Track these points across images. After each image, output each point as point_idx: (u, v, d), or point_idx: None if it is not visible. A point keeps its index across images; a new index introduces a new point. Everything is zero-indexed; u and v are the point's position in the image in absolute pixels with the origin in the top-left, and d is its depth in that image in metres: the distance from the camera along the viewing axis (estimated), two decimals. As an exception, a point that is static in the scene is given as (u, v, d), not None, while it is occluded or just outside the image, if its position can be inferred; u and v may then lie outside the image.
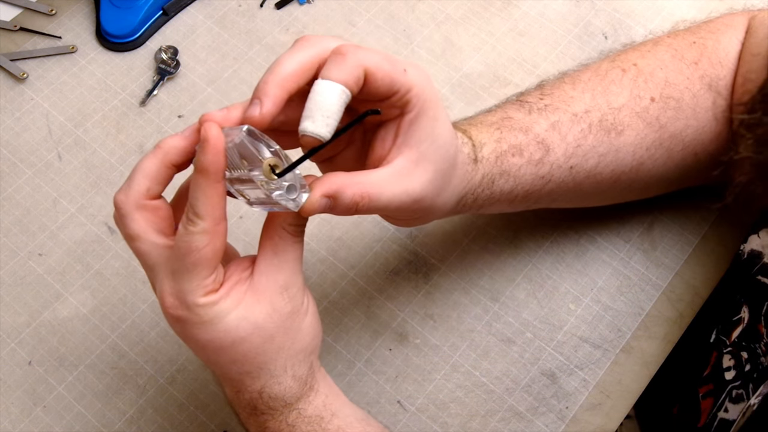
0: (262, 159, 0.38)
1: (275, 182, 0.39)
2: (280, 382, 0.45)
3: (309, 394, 0.47)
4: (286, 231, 0.43)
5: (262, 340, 0.43)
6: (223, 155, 0.38)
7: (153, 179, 0.42)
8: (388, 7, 0.74)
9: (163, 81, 0.70)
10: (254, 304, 0.42)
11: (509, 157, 0.50)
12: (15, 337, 0.59)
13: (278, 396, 0.45)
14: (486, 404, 0.57)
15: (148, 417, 0.57)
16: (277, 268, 0.43)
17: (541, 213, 0.64)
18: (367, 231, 0.64)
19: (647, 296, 0.61)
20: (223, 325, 0.41)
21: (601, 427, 0.57)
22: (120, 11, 0.71)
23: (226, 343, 0.42)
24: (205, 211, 0.39)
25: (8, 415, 0.57)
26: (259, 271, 0.43)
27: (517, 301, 0.61)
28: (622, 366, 0.59)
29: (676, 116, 0.53)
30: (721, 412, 0.54)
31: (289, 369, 0.45)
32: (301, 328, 0.45)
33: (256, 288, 0.42)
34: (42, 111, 0.69)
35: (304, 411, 0.46)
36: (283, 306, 0.43)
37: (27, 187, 0.65)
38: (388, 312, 0.60)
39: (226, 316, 0.41)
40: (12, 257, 0.63)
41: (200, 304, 0.40)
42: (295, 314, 0.44)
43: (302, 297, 0.45)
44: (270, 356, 0.44)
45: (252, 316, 0.42)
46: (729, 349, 0.55)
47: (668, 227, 0.64)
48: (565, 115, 0.52)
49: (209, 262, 0.40)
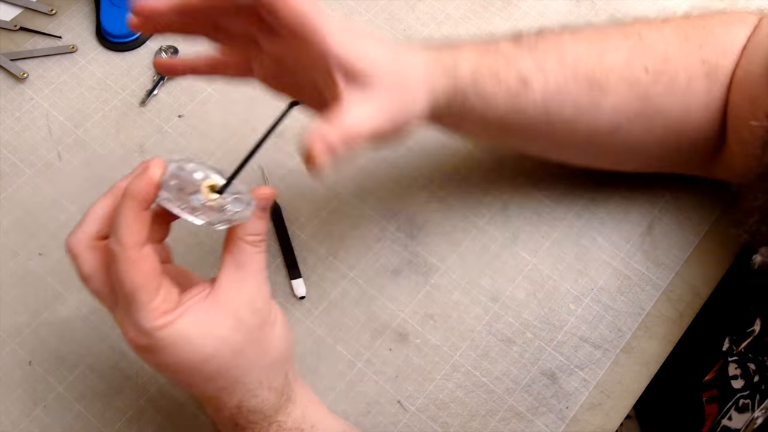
0: (199, 183, 0.40)
1: (220, 199, 0.41)
2: (256, 395, 0.45)
3: (287, 406, 0.47)
4: (245, 242, 0.43)
5: (231, 354, 0.43)
6: (153, 185, 0.40)
7: (103, 221, 0.43)
8: (388, 7, 0.74)
9: (164, 81, 0.70)
10: (218, 319, 0.42)
11: (486, 79, 0.50)
12: (15, 337, 0.59)
13: (257, 409, 0.45)
14: (486, 404, 0.57)
15: (148, 417, 0.57)
16: (239, 282, 0.43)
17: (541, 213, 0.64)
18: (367, 231, 0.64)
19: (647, 296, 0.61)
20: (188, 344, 0.41)
21: (601, 427, 0.57)
22: (120, 11, 0.71)
23: (196, 362, 0.42)
24: (126, 238, 0.39)
25: (8, 415, 0.57)
26: (220, 286, 0.43)
27: (517, 301, 0.61)
28: (622, 366, 0.59)
29: (665, 92, 0.53)
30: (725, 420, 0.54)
31: (265, 381, 0.45)
32: (271, 339, 0.45)
33: (218, 302, 0.42)
34: (42, 111, 0.69)
35: (284, 423, 0.46)
36: (249, 318, 0.43)
37: (27, 187, 0.65)
38: (388, 312, 0.60)
39: (189, 335, 0.41)
40: (12, 257, 0.62)
41: (157, 327, 0.40)
42: (263, 325, 0.44)
43: (269, 308, 0.44)
44: (243, 370, 0.44)
45: (217, 330, 0.42)
46: (735, 358, 0.55)
47: (668, 227, 0.64)
48: (554, 58, 0.52)
49: (144, 287, 0.40)
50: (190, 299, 0.42)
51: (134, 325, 0.41)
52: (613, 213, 0.64)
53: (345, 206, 0.65)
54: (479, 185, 0.65)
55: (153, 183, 0.40)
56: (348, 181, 0.66)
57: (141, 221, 0.40)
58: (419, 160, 0.67)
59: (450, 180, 0.66)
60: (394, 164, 0.66)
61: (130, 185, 0.40)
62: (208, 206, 0.40)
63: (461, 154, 0.67)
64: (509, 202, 0.65)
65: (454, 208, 0.65)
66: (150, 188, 0.40)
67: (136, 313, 0.40)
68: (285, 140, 0.67)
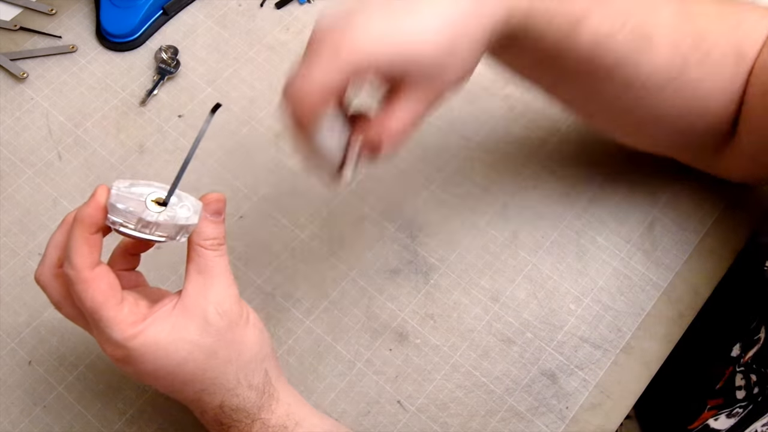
0: (144, 197, 0.42)
1: (168, 210, 0.42)
2: (237, 394, 0.46)
3: (270, 403, 0.47)
4: (203, 247, 0.44)
5: (205, 356, 0.44)
6: (101, 209, 0.41)
7: (62, 250, 0.44)
8: (389, 7, 0.74)
9: (164, 81, 0.70)
10: (187, 324, 0.43)
11: (540, 15, 0.47)
12: (15, 336, 0.59)
13: (239, 407, 0.46)
14: (486, 404, 0.57)
15: (148, 417, 0.57)
16: (203, 286, 0.44)
17: (541, 213, 0.64)
18: (367, 231, 0.64)
19: (647, 296, 0.61)
20: (161, 350, 0.43)
21: (601, 427, 0.57)
22: (120, 11, 0.71)
23: (171, 367, 0.43)
24: (77, 260, 0.41)
25: (8, 415, 0.57)
26: (186, 293, 0.44)
27: (517, 301, 0.61)
28: (622, 366, 0.59)
29: (698, 65, 0.51)
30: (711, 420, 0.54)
31: (243, 379, 0.46)
32: (244, 339, 0.46)
33: (186, 308, 0.44)
34: (42, 111, 0.69)
35: (267, 421, 0.47)
36: (218, 320, 0.44)
37: (27, 187, 0.65)
38: (388, 312, 0.60)
39: (160, 342, 0.42)
40: (12, 257, 0.62)
41: (128, 338, 0.42)
42: (234, 326, 0.45)
43: (239, 308, 0.45)
44: (219, 370, 0.45)
45: (187, 335, 0.43)
46: (742, 368, 0.55)
47: (668, 227, 0.64)
48: (607, 4, 0.50)
49: (105, 303, 0.42)
50: (159, 309, 0.44)
51: (107, 340, 0.42)
52: (613, 213, 0.64)
53: (345, 206, 0.65)
54: (479, 185, 0.66)
55: (99, 206, 0.41)
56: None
57: (90, 244, 0.42)
58: (419, 160, 0.67)
59: (450, 180, 0.66)
60: (394, 164, 0.66)
61: (78, 211, 0.42)
62: (161, 222, 0.42)
63: (461, 154, 0.67)
64: (509, 202, 0.65)
65: (454, 208, 0.65)
66: (96, 212, 0.41)
67: (106, 329, 0.42)
68: (284, 140, 0.67)
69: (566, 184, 0.65)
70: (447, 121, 0.68)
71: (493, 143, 0.67)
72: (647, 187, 0.65)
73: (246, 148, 0.67)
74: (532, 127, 0.68)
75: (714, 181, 0.63)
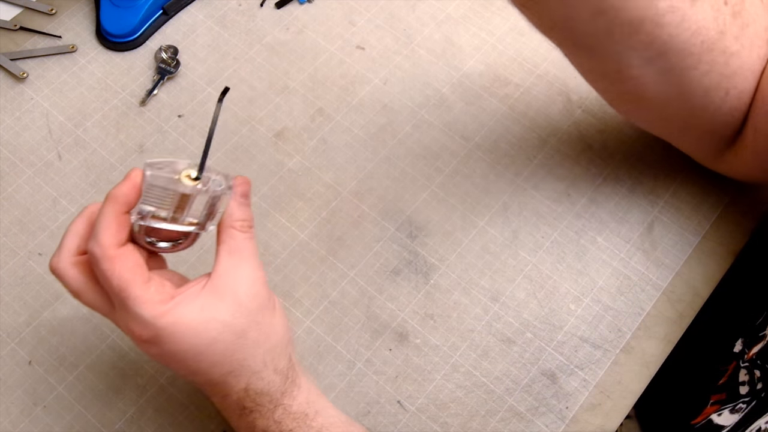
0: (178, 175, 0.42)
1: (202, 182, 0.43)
2: (262, 377, 0.46)
3: (292, 389, 0.47)
4: (234, 228, 0.45)
5: (234, 336, 0.44)
6: (135, 188, 0.42)
7: (82, 237, 0.44)
8: (389, 7, 0.74)
9: (163, 80, 0.70)
10: (218, 304, 0.43)
11: None
12: (15, 336, 0.59)
13: (263, 391, 0.46)
14: (486, 404, 0.57)
15: (148, 417, 0.57)
16: (235, 267, 0.44)
17: (541, 213, 0.64)
18: (367, 231, 0.64)
19: (647, 296, 0.61)
20: (191, 330, 0.42)
21: (601, 427, 0.57)
22: (120, 10, 0.71)
23: (201, 347, 0.43)
24: (105, 238, 0.41)
25: (8, 415, 0.57)
26: (216, 273, 0.44)
27: (517, 301, 0.61)
28: (622, 366, 0.59)
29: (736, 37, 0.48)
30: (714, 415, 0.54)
31: (269, 363, 0.46)
32: (272, 322, 0.46)
33: (217, 288, 0.43)
34: (42, 110, 0.69)
35: (289, 407, 0.47)
36: (249, 302, 0.44)
37: (27, 187, 0.65)
38: (388, 312, 0.60)
39: (191, 322, 0.42)
40: (12, 257, 0.62)
41: (157, 316, 0.41)
42: (264, 309, 0.45)
43: (267, 292, 0.46)
44: (248, 352, 0.45)
45: (219, 315, 0.43)
46: (746, 364, 0.55)
47: (668, 227, 0.64)
48: None
49: (133, 281, 0.41)
50: (187, 289, 0.43)
51: (135, 319, 0.42)
52: (613, 213, 0.64)
53: (345, 206, 0.65)
54: (479, 185, 0.66)
55: (134, 185, 0.42)
56: (348, 181, 0.66)
57: (119, 222, 0.42)
58: (419, 160, 0.67)
59: (450, 180, 0.66)
60: (394, 164, 0.66)
61: (113, 190, 0.42)
62: (198, 192, 0.42)
63: (461, 154, 0.67)
64: (509, 202, 0.65)
65: (454, 208, 0.65)
66: (130, 191, 0.42)
67: (134, 307, 0.41)
68: (284, 140, 0.67)
69: (566, 184, 0.65)
70: (447, 121, 0.68)
71: (493, 143, 0.67)
72: (647, 187, 0.65)
73: (246, 147, 0.67)
74: (532, 127, 0.68)
75: (714, 181, 0.63)
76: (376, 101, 0.69)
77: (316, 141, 0.67)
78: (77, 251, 0.44)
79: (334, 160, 0.67)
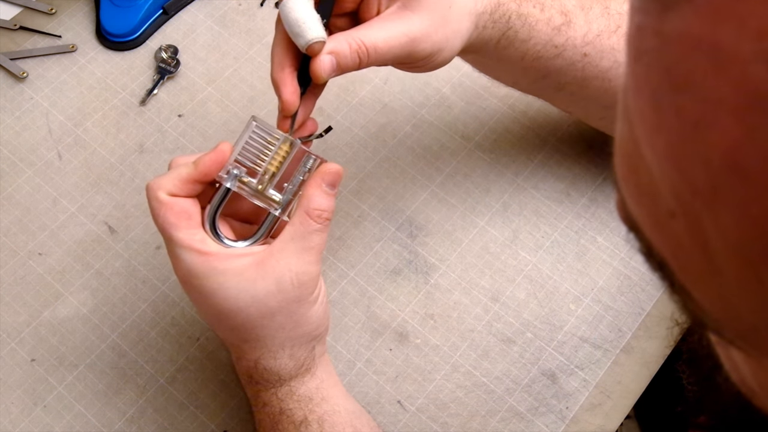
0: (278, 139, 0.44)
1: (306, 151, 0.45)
2: (276, 357, 0.46)
3: (305, 376, 0.48)
4: (309, 215, 0.43)
5: (260, 314, 0.44)
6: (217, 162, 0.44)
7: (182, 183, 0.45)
8: (389, 7, 0.74)
9: (164, 80, 0.70)
10: (258, 279, 0.43)
11: (529, 6, 0.48)
12: (15, 336, 0.59)
13: (272, 369, 0.46)
14: (486, 404, 0.57)
15: (148, 417, 0.57)
16: (290, 253, 0.44)
17: (541, 213, 0.64)
18: (367, 231, 0.64)
19: (647, 296, 0.61)
20: (223, 292, 0.43)
21: (601, 427, 0.57)
22: (120, 10, 0.71)
23: (224, 311, 0.43)
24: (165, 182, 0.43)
25: (8, 415, 0.57)
26: (271, 251, 0.44)
27: (517, 301, 0.61)
28: (622, 366, 0.59)
29: None
30: None
31: (288, 348, 0.46)
32: (307, 315, 0.46)
33: (264, 266, 0.43)
34: (42, 110, 0.69)
35: (296, 389, 0.47)
36: (290, 290, 0.44)
37: (27, 187, 0.65)
38: (388, 312, 0.60)
39: (227, 284, 0.43)
40: (12, 257, 0.62)
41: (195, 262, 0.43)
42: (303, 301, 0.45)
43: (314, 287, 0.45)
44: (268, 332, 0.45)
45: (253, 289, 0.43)
46: None
47: (669, 227, 0.64)
48: (600, 6, 0.50)
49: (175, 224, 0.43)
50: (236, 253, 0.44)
51: (173, 256, 0.44)
52: (613, 213, 0.64)
53: (345, 206, 0.65)
54: (479, 185, 0.65)
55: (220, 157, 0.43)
56: (348, 180, 0.66)
57: (185, 183, 0.43)
58: (419, 160, 0.67)
59: (450, 180, 0.66)
60: (394, 164, 0.66)
61: (202, 157, 0.43)
62: None
63: (461, 154, 0.67)
64: (509, 201, 0.65)
65: (454, 208, 0.65)
66: (213, 163, 0.43)
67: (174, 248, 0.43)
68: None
69: (566, 184, 0.65)
70: (447, 121, 0.68)
71: (493, 143, 0.67)
72: (647, 187, 0.65)
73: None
74: (532, 126, 0.68)
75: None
76: (376, 100, 0.69)
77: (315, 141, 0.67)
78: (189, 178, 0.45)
79: (334, 159, 0.66)
